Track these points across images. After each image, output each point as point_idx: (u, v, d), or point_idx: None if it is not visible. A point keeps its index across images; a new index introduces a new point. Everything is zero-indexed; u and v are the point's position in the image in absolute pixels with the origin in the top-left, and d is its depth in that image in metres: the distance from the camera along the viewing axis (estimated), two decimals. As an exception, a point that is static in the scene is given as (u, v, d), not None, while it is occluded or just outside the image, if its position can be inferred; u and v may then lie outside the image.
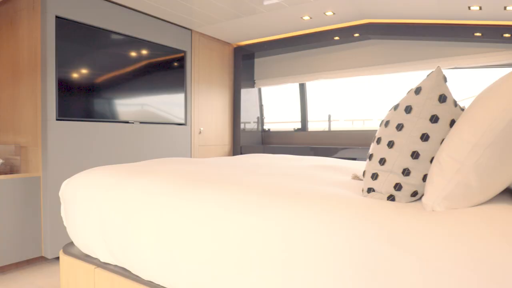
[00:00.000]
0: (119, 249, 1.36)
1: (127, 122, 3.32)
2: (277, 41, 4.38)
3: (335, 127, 4.72)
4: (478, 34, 3.37)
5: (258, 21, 3.74)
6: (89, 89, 3.01)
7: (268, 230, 0.99)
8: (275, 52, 4.62)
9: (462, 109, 1.12)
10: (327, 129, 4.74)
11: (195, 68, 4.07)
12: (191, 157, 4.03)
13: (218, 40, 4.42)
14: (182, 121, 3.92)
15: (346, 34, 3.94)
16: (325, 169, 1.82)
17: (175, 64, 3.83)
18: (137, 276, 1.34)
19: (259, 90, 5.09)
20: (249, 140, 4.84)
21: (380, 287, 0.82)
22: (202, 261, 1.11)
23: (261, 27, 3.93)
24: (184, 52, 3.92)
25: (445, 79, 1.06)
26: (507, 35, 3.26)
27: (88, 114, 3.01)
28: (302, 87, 4.80)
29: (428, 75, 1.08)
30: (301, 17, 3.59)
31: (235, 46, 4.71)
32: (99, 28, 3.09)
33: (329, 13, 3.47)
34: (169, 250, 1.19)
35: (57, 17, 2.77)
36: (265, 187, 1.20)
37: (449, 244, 0.77)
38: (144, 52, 3.49)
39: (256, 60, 4.96)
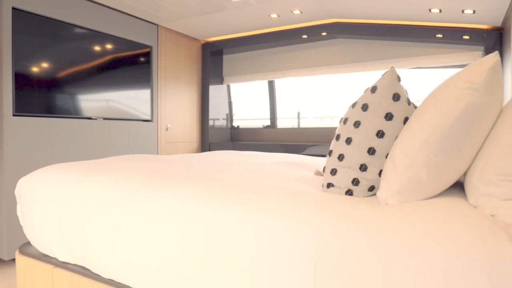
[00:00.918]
0: (78, 247, 1.32)
1: (90, 118, 3.22)
2: (245, 38, 4.38)
3: (304, 124, 4.79)
4: (439, 35, 3.51)
5: (226, 18, 3.72)
6: (50, 84, 2.90)
7: (236, 226, 1.00)
8: (244, 49, 4.63)
9: (415, 107, 1.17)
10: (296, 126, 4.80)
11: (161, 64, 4.01)
12: (157, 154, 3.97)
13: (185, 36, 4.36)
14: (148, 118, 3.85)
15: (314, 33, 4.00)
16: (290, 166, 1.85)
17: (141, 59, 3.76)
18: (98, 275, 1.31)
19: (228, 87, 5.08)
20: (218, 137, 4.82)
21: (342, 280, 0.84)
22: (167, 259, 1.10)
23: (229, 23, 3.92)
24: (150, 47, 3.85)
25: (398, 79, 1.11)
26: (466, 37, 3.41)
27: (49, 110, 2.90)
28: (271, 84, 4.83)
29: (383, 75, 1.12)
30: (269, 15, 3.61)
31: (203, 42, 4.67)
32: (60, 21, 2.97)
33: (297, 12, 3.51)
34: (131, 248, 1.18)
35: (13, 8, 2.64)
36: (232, 183, 1.21)
37: (400, 235, 0.81)
38: (108, 46, 3.39)
39: (225, 57, 4.94)
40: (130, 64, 3.64)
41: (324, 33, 3.95)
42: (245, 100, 5.19)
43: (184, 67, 4.37)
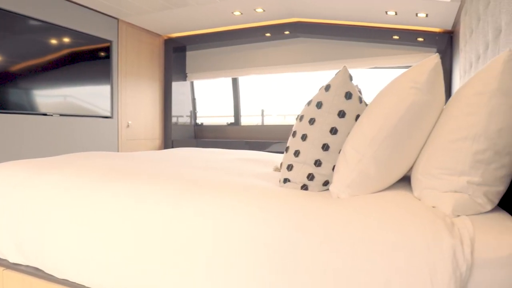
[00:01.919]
0: (30, 248, 1.28)
1: (46, 115, 3.09)
2: (209, 35, 4.36)
3: (268, 121, 4.84)
4: (395, 37, 3.67)
5: (189, 14, 3.69)
6: (2, 78, 2.76)
7: (192, 222, 1.01)
8: (208, 45, 4.60)
9: (366, 105, 1.22)
10: (260, 123, 4.84)
11: (122, 59, 3.91)
12: (118, 151, 3.87)
13: (147, 31, 4.28)
14: (108, 114, 3.75)
15: (277, 31, 4.05)
16: (250, 162, 1.87)
17: (101, 54, 3.65)
18: (51, 276, 1.28)
19: (192, 83, 5.04)
20: (181, 134, 4.78)
21: (297, 272, 0.87)
22: (123, 257, 1.09)
23: (192, 19, 3.88)
24: (110, 42, 3.75)
25: (350, 78, 1.15)
26: (420, 39, 3.59)
27: (0, 105, 2.75)
28: (235, 81, 4.84)
29: (336, 74, 1.16)
30: (232, 12, 3.62)
31: (165, 38, 4.60)
32: (13, 13, 2.83)
33: (259, 10, 3.54)
34: (86, 247, 1.15)
35: (-41, -3, 2.49)
36: (190, 180, 1.21)
37: (350, 227, 0.85)
38: (65, 40, 3.27)
39: (188, 53, 4.90)
40: (89, 59, 3.53)
41: (287, 32, 4.01)
42: (209, 97, 5.17)
43: (146, 63, 4.29)
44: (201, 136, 5.03)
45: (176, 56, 4.69)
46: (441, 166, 0.92)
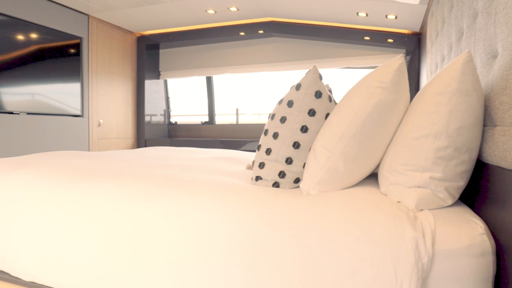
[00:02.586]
0: (-6, 251, 1.24)
1: (12, 113, 2.98)
2: (183, 33, 4.32)
3: (243, 120, 4.85)
4: (367, 37, 3.76)
5: (162, 11, 3.65)
6: (-38, 75, 2.64)
7: (162, 220, 1.00)
8: (181, 43, 4.56)
9: (336, 104, 1.25)
10: (235, 122, 4.84)
11: (93, 56, 3.82)
12: (89, 151, 3.78)
13: (119, 28, 4.20)
14: (79, 113, 3.65)
15: (251, 30, 4.06)
16: (223, 161, 1.88)
17: (71, 51, 3.55)
18: (18, 278, 1.24)
19: (165, 82, 4.98)
20: (154, 133, 4.71)
21: (267, 267, 0.88)
22: (92, 258, 1.07)
23: (165, 17, 3.84)
24: (80, 38, 3.65)
25: (320, 77, 1.18)
26: (390, 40, 3.69)
27: (-39, 103, 2.64)
28: (209, 80, 4.82)
29: (306, 73, 1.18)
30: (206, 10, 3.60)
31: (138, 35, 4.52)
32: (-26, 6, 2.71)
33: (233, 9, 3.54)
34: (54, 248, 1.13)
35: None
36: (162, 178, 1.20)
37: (318, 222, 0.87)
38: (33, 36, 3.16)
39: (161, 51, 4.84)
40: (58, 56, 3.42)
41: (261, 31, 4.02)
42: (183, 96, 5.12)
43: (117, 61, 4.20)
44: (175, 135, 4.98)
45: (149, 54, 4.63)
46: (405, 163, 0.95)
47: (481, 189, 0.98)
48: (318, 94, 1.15)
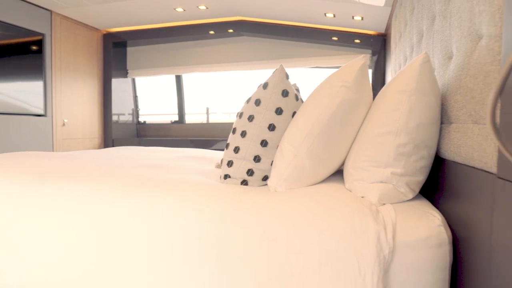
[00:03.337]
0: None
1: (-32, 113, 2.84)
2: (151, 31, 4.25)
3: (213, 119, 4.83)
4: (334, 38, 3.83)
5: (129, 8, 3.57)
6: None
7: (128, 220, 0.99)
8: (150, 41, 4.48)
9: (303, 102, 1.28)
10: (205, 121, 4.82)
11: (56, 54, 3.68)
12: (53, 151, 3.65)
13: (84, 24, 4.07)
14: (41, 112, 3.51)
15: (221, 29, 4.05)
16: (193, 160, 1.87)
17: (33, 48, 3.41)
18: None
19: (133, 80, 4.88)
20: (122, 133, 4.61)
21: (233, 263, 0.89)
22: (56, 259, 1.04)
23: (133, 14, 3.76)
24: (43, 35, 3.51)
25: (287, 76, 1.20)
26: (357, 40, 3.78)
27: None
28: (178, 79, 4.77)
29: (273, 72, 1.20)
30: (174, 8, 3.56)
31: (104, 32, 4.40)
32: None
33: (202, 7, 3.52)
34: (11, 252, 1.09)
35: None
36: (128, 178, 1.18)
37: (284, 218, 0.89)
38: (-10, 31, 3.01)
39: (129, 49, 4.73)
40: (19, 53, 3.28)
41: (230, 30, 4.02)
42: (152, 95, 5.03)
43: (83, 58, 4.08)
44: (144, 134, 4.89)
45: (116, 52, 4.51)
46: (369, 159, 0.99)
47: (439, 183, 1.03)
48: (285, 93, 1.17)
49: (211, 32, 4.08)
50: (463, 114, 0.84)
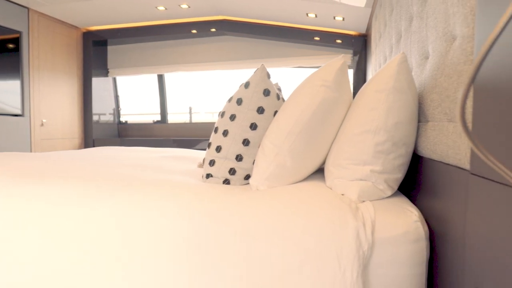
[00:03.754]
0: None
1: None
2: (132, 29, 4.19)
3: (196, 119, 4.80)
4: (316, 38, 3.87)
5: (109, 6, 3.51)
6: None
7: (108, 221, 0.98)
8: (131, 40, 4.42)
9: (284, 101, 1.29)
10: (188, 121, 4.79)
11: (34, 52, 3.59)
12: (31, 152, 3.56)
13: (63, 22, 3.98)
14: (19, 112, 3.42)
15: (203, 29, 4.03)
16: (175, 160, 1.86)
17: (9, 46, 3.32)
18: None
19: (114, 79, 4.81)
20: (103, 133, 4.54)
21: (213, 262, 0.89)
22: (32, 259, 1.02)
23: (113, 12, 3.70)
24: (20, 33, 3.42)
25: (268, 76, 1.21)
26: (339, 41, 3.82)
27: None
28: (160, 78, 4.72)
29: (254, 72, 1.21)
30: (156, 7, 3.52)
31: (84, 31, 4.32)
32: None
33: (184, 6, 3.50)
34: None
35: None
36: (107, 179, 1.17)
37: (264, 216, 0.90)
38: (-36, 28, 2.92)
39: (110, 48, 4.66)
40: (-5, 51, 3.19)
41: (213, 29, 4.01)
42: (133, 94, 4.97)
43: (61, 57, 3.99)
44: (125, 134, 4.82)
45: (96, 51, 4.44)
46: (348, 157, 1.00)
47: (417, 180, 1.06)
48: (267, 92, 1.18)
49: (194, 31, 4.06)
50: (438, 112, 0.86)
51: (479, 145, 0.41)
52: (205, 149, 3.93)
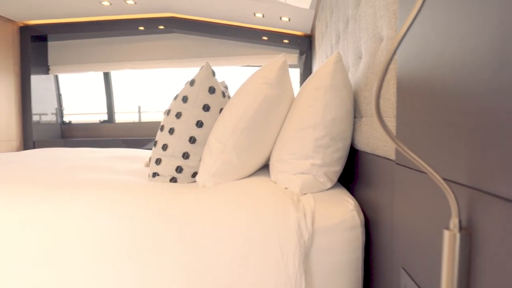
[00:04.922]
0: None
1: None
2: (75, 25, 4.00)
3: (146, 118, 4.69)
4: (265, 37, 3.93)
5: None
6: None
7: (50, 222, 0.94)
8: (74, 36, 4.22)
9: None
10: (137, 120, 4.66)
11: (-37, 48, 3.32)
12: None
13: (-3, 16, 3.72)
14: None
15: (151, 25, 3.94)
16: (122, 159, 1.82)
17: None
18: None
19: (56, 77, 4.56)
20: (45, 134, 4.29)
21: (160, 259, 0.89)
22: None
23: (53, 6, 3.51)
24: None
25: (213, 73, 1.23)
26: (286, 41, 3.91)
27: None
28: (106, 76, 4.55)
29: (200, 70, 1.22)
30: (100, 2, 3.39)
31: (21, 25, 4.05)
32: None
33: (130, 2, 3.40)
34: None
35: None
36: (50, 180, 1.12)
37: (210, 211, 0.92)
38: None
39: (50, 44, 4.41)
40: None
41: (161, 27, 3.93)
42: (78, 93, 4.74)
43: (-5, 53, 3.72)
44: (70, 135, 4.59)
45: (35, 46, 4.18)
46: (291, 152, 1.05)
47: (354, 172, 1.13)
48: (212, 90, 1.19)
49: (141, 28, 3.96)
50: (370, 108, 0.93)
51: (392, 134, 0.46)
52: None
